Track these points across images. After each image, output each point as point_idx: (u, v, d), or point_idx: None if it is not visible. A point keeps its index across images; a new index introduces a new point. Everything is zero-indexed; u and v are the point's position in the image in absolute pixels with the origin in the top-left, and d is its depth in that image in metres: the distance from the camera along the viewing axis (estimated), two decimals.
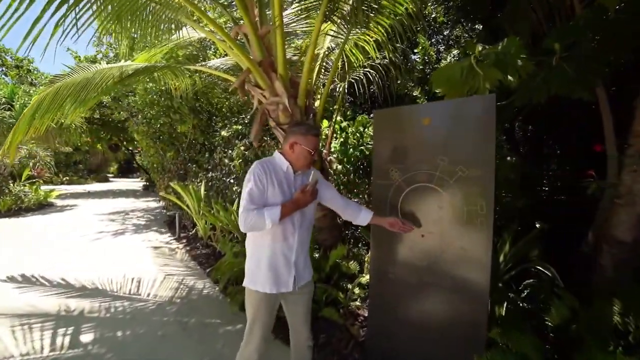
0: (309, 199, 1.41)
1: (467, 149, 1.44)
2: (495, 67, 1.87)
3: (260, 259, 1.47)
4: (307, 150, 1.44)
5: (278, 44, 2.51)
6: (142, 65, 3.17)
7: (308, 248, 1.61)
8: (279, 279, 1.46)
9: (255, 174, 1.42)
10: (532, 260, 2.32)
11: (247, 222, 1.36)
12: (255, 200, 1.39)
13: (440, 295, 1.56)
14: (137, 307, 2.84)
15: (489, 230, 1.37)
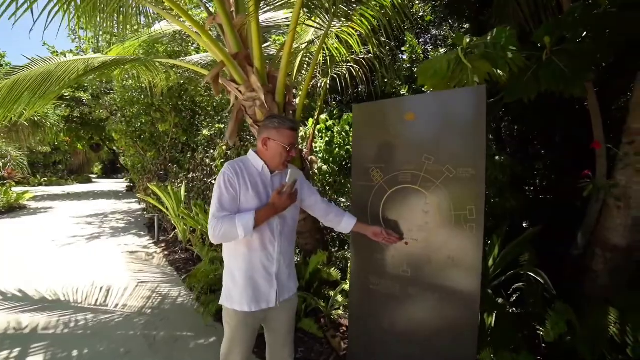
0: (286, 202, 1.23)
1: (455, 147, 1.30)
2: (485, 59, 1.75)
3: (235, 272, 1.31)
4: (282, 146, 1.27)
5: (254, 35, 2.33)
6: (110, 58, 2.93)
7: (292, 256, 1.44)
8: (259, 294, 1.30)
9: (225, 177, 1.26)
10: (522, 264, 2.21)
11: (216, 232, 1.20)
12: (225, 206, 1.23)
13: (426, 307, 1.41)
14: (102, 320, 2.60)
15: (480, 237, 1.23)
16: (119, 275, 3.71)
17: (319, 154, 4.32)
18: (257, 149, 1.35)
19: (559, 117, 3.71)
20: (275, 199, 1.23)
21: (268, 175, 1.33)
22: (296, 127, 1.32)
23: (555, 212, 3.40)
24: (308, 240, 2.80)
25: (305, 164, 2.74)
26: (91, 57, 2.85)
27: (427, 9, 6.44)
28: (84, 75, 2.76)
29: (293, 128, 1.30)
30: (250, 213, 1.21)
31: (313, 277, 2.51)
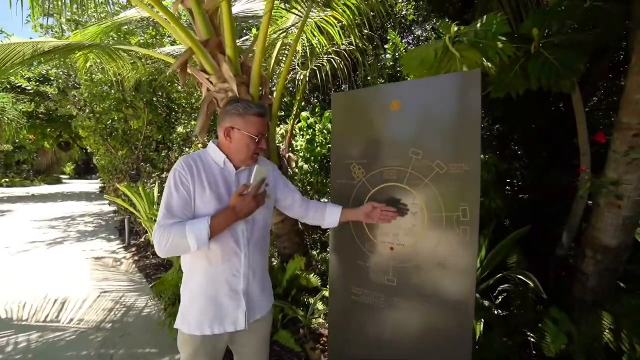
0: (250, 204, 1.01)
1: (446, 140, 1.15)
2: (474, 48, 1.63)
3: (193, 290, 1.10)
4: (249, 136, 1.07)
5: (225, 20, 2.12)
6: (63, 43, 2.61)
7: (265, 268, 1.22)
8: (223, 315, 1.09)
9: (176, 175, 1.05)
10: (510, 266, 2.12)
11: (162, 244, 0.98)
12: (175, 211, 1.02)
13: (414, 320, 1.26)
14: (49, 339, 2.28)
15: (474, 241, 1.08)
16: (79, 285, 3.37)
17: (299, 153, 4.13)
18: (219, 140, 1.14)
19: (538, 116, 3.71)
20: (236, 201, 1.01)
21: (232, 171, 1.12)
22: (265, 113, 1.11)
23: (538, 211, 3.38)
24: (286, 243, 2.61)
25: (282, 161, 2.55)
26: (40, 41, 2.52)
27: (409, 7, 6.41)
28: (30, 60, 2.43)
29: (261, 114, 1.09)
30: (204, 219, 0.99)
31: (291, 284, 2.33)
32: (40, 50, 2.51)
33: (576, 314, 1.75)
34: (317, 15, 2.67)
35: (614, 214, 1.58)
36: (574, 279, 1.80)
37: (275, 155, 2.51)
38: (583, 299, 1.72)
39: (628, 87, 1.56)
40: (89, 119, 6.48)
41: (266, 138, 1.14)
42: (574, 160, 3.51)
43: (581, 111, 2.27)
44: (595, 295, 1.68)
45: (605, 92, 4.20)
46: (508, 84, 1.99)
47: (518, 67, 1.97)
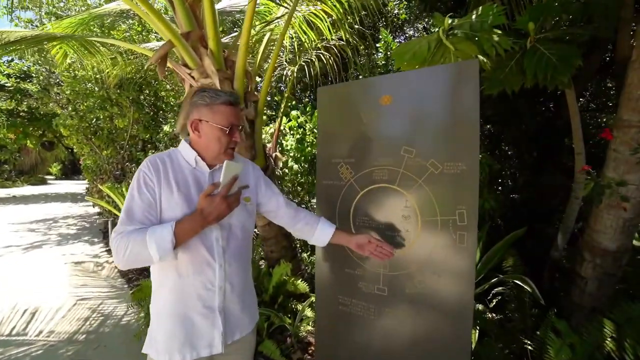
0: (220, 207, 0.88)
1: (441, 137, 1.05)
2: (469, 40, 1.54)
3: (161, 307, 0.96)
4: (219, 128, 0.94)
5: (206, 10, 1.99)
6: (31, 33, 2.44)
7: (247, 281, 1.08)
8: (196, 337, 0.95)
9: (140, 176, 0.93)
10: (506, 270, 2.04)
11: (120, 254, 0.85)
12: (136, 216, 0.90)
13: (407, 333, 1.15)
14: (12, 355, 2.10)
15: (473, 247, 0.99)
16: (54, 293, 3.17)
17: (290, 153, 4.01)
18: (190, 137, 1.01)
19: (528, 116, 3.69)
20: (203, 203, 0.88)
21: (205, 171, 0.99)
22: (235, 101, 0.98)
23: (531, 211, 3.34)
24: (273, 247, 2.49)
25: (270, 161, 2.43)
26: (5, 31, 2.34)
27: (402, 7, 6.36)
28: None
29: (231, 102, 0.97)
30: (167, 225, 0.86)
31: (277, 290, 2.20)
32: (5, 39, 2.33)
33: (575, 319, 1.68)
34: (306, 9, 2.56)
35: (614, 216, 1.51)
36: (572, 282, 1.73)
37: (262, 155, 2.38)
38: (581, 304, 1.65)
39: (629, 83, 1.50)
40: (71, 117, 6.23)
41: (241, 129, 1.02)
42: (565, 160, 3.48)
43: (575, 110, 2.22)
44: (594, 300, 1.61)
45: (593, 93, 4.20)
46: (503, 80, 1.92)
47: (513, 63, 1.90)
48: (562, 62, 1.64)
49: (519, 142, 4.32)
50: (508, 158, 4.80)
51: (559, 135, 3.50)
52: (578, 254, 1.72)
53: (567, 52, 1.67)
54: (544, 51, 1.75)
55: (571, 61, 1.62)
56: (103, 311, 2.80)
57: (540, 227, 3.20)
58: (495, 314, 2.34)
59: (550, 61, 1.69)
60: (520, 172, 4.37)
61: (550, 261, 2.40)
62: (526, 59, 1.78)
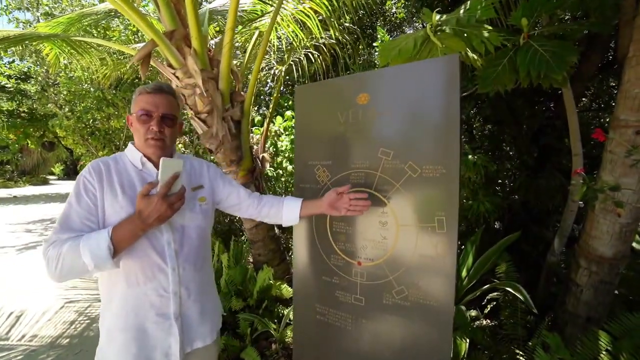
0: (160, 208, 0.81)
1: (420, 137, 0.98)
2: (457, 36, 1.47)
3: (112, 323, 0.89)
4: (134, 116, 0.92)
5: (188, 7, 1.93)
6: (15, 32, 2.39)
7: (206, 285, 1.02)
8: (150, 349, 0.89)
9: (80, 182, 0.88)
10: (499, 275, 1.96)
11: (51, 265, 0.79)
12: (72, 224, 0.83)
13: (384, 344, 1.08)
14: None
15: (452, 256, 0.92)
16: (43, 295, 3.13)
17: (284, 153, 3.95)
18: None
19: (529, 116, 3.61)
20: (140, 204, 0.81)
21: (153, 172, 0.94)
22: (156, 89, 0.93)
23: (529, 213, 3.25)
24: (261, 250, 2.43)
25: (257, 163, 2.37)
26: None
27: (399, 5, 6.28)
28: None
29: (147, 90, 0.92)
30: (103, 231, 0.80)
31: (262, 295, 2.14)
32: None
33: (569, 329, 1.60)
34: (294, 7, 2.50)
35: (610, 221, 1.43)
36: (567, 290, 1.65)
37: (248, 157, 2.32)
38: (576, 313, 1.57)
39: (626, 80, 1.42)
40: (67, 118, 6.22)
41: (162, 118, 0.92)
42: (565, 161, 3.39)
43: (572, 109, 2.14)
44: (590, 309, 1.53)
45: (595, 92, 4.11)
46: (496, 79, 1.84)
47: (506, 61, 1.83)
48: (557, 59, 1.56)
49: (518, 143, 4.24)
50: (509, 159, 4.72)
51: (559, 135, 3.42)
52: (573, 260, 1.64)
53: (562, 48, 1.59)
54: (537, 48, 1.67)
55: (566, 58, 1.54)
56: (90, 314, 2.75)
57: (538, 229, 3.12)
58: (490, 319, 2.26)
59: (544, 58, 1.62)
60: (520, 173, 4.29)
61: (547, 266, 2.32)
62: (519, 56, 1.71)
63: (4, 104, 10.25)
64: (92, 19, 2.91)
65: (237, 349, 1.92)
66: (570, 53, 1.51)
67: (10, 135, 11.70)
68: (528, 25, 1.74)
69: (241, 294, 2.19)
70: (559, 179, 3.08)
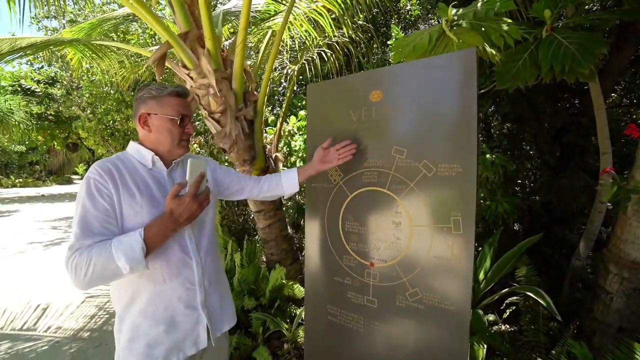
0: (191, 206, 0.83)
1: (435, 135, 0.95)
2: (474, 31, 1.42)
3: (136, 324, 0.89)
4: (169, 119, 0.91)
5: (202, 9, 1.95)
6: (42, 38, 2.50)
7: (221, 274, 1.06)
8: (180, 339, 0.91)
9: (90, 184, 0.84)
10: (519, 279, 1.88)
11: (80, 273, 0.77)
12: (93, 228, 0.81)
13: (398, 347, 1.05)
14: (20, 350, 2.16)
15: (469, 258, 0.88)
16: (66, 289, 3.26)
17: (298, 153, 3.95)
18: (140, 136, 0.97)
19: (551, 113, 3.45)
20: (172, 204, 0.81)
21: (163, 170, 0.94)
22: (184, 93, 0.95)
23: (551, 215, 3.11)
24: (274, 250, 2.43)
25: (270, 162, 2.37)
26: (18, 38, 2.42)
27: (414, 2, 6.16)
28: (7, 55, 2.33)
29: (178, 93, 0.94)
30: (134, 233, 0.80)
31: (275, 294, 2.14)
32: (17, 46, 2.40)
33: (598, 339, 1.51)
34: (307, 6, 2.49)
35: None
36: (595, 297, 1.56)
37: (262, 156, 2.33)
38: (606, 322, 1.48)
39: None
40: (88, 119, 6.47)
41: (192, 124, 0.99)
42: (591, 160, 3.22)
43: (601, 105, 2.02)
44: (621, 319, 1.44)
45: (626, 87, 3.88)
46: (516, 74, 1.76)
47: (527, 55, 1.74)
48: (583, 51, 1.47)
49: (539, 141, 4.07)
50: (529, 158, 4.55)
51: (584, 133, 3.25)
52: (602, 265, 1.55)
53: (589, 40, 1.50)
54: (561, 40, 1.58)
55: (594, 50, 1.45)
56: (109, 309, 2.84)
57: (561, 232, 2.98)
58: (509, 325, 2.17)
59: (569, 51, 1.53)
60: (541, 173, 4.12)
61: (571, 270, 2.21)
62: (541, 50, 1.62)
63: (34, 108, 10.79)
64: (112, 23, 3.01)
65: (249, 347, 1.92)
66: (599, 45, 1.42)
67: (39, 137, 12.34)
68: (551, 16, 1.65)
69: (254, 293, 2.20)
70: (584, 179, 2.92)
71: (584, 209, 2.92)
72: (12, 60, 2.33)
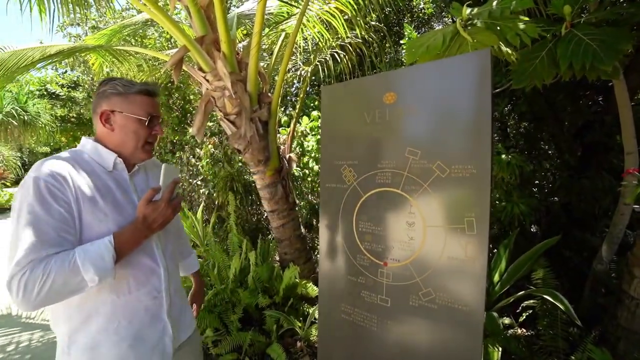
0: (166, 213, 0.81)
1: (449, 136, 0.95)
2: (489, 30, 1.40)
3: (96, 342, 0.79)
4: (136, 119, 0.84)
5: (218, 14, 2.01)
6: (68, 45, 2.64)
7: (179, 278, 1.02)
8: (147, 354, 0.85)
9: (41, 188, 0.72)
10: (535, 282, 1.84)
11: (33, 289, 0.65)
12: (49, 239, 0.70)
13: (411, 346, 1.06)
14: (50, 339, 2.29)
15: (483, 259, 0.88)
16: None
17: (310, 153, 3.99)
18: (97, 134, 0.88)
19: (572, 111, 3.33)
20: (146, 210, 0.79)
21: (124, 174, 0.88)
22: (153, 92, 0.89)
23: (571, 217, 3.01)
24: (287, 249, 2.47)
25: (283, 162, 2.41)
26: (48, 45, 2.56)
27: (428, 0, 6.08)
28: (38, 63, 2.47)
29: (149, 92, 0.88)
30: (101, 242, 0.73)
31: (288, 292, 2.18)
32: (47, 53, 2.54)
33: (622, 346, 1.46)
34: (319, 8, 2.51)
35: None
36: (619, 302, 1.51)
37: (275, 157, 2.37)
38: (630, 329, 1.43)
39: None
40: None
41: (159, 125, 0.92)
42: (615, 160, 3.10)
43: (626, 102, 1.95)
44: None
45: None
46: (532, 73, 1.72)
47: (544, 53, 1.70)
48: (605, 48, 1.42)
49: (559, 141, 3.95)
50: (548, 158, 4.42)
51: (608, 132, 3.13)
52: (626, 270, 1.50)
53: (613, 35, 1.45)
54: (582, 37, 1.54)
55: (617, 46, 1.40)
56: None
57: (580, 235, 2.88)
58: (525, 329, 2.13)
59: (590, 48, 1.48)
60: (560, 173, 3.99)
61: (593, 274, 2.14)
62: (560, 48, 1.58)
63: (58, 110, 11.28)
64: (131, 29, 3.13)
65: (263, 344, 1.97)
66: (624, 40, 1.38)
67: (62, 138, 12.91)
68: (571, 13, 1.61)
69: (267, 291, 2.24)
70: (607, 180, 2.82)
71: (607, 210, 2.82)
72: (43, 66, 2.46)
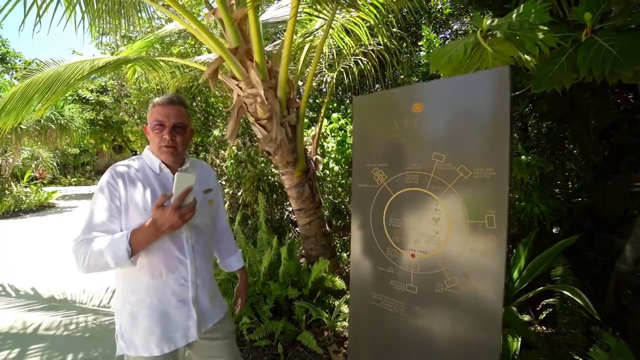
0: (173, 219, 0.91)
1: (471, 143, 1.08)
2: (509, 41, 1.50)
3: (135, 309, 1.02)
4: (150, 126, 1.04)
5: (252, 27, 2.19)
6: (113, 58, 2.90)
7: (212, 277, 1.19)
8: (172, 330, 1.04)
9: (103, 185, 0.98)
10: (554, 279, 1.91)
11: (79, 261, 0.91)
12: (95, 225, 0.95)
13: (436, 330, 1.19)
14: (102, 322, 2.55)
15: (502, 251, 1.00)
16: None
17: (331, 154, 4.13)
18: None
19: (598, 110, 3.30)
20: (155, 214, 0.90)
21: (170, 176, 1.06)
22: (166, 101, 1.04)
23: (594, 217, 3.01)
24: (313, 245, 2.63)
25: (310, 164, 2.57)
26: (96, 58, 2.83)
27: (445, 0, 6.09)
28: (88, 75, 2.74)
29: (158, 102, 1.04)
30: (122, 235, 0.91)
31: (316, 285, 2.33)
32: (96, 66, 2.81)
33: None
34: (343, 18, 2.66)
35: None
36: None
37: (303, 158, 2.54)
38: None
39: None
40: (137, 124, 7.12)
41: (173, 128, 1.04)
42: None
43: None
44: None
45: None
46: (552, 78, 1.79)
47: (564, 59, 1.77)
48: (626, 54, 1.48)
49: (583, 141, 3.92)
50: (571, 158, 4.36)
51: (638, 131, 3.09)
52: None
53: (634, 41, 1.50)
54: (602, 43, 1.60)
55: (638, 52, 1.45)
56: None
57: (605, 236, 2.88)
58: (545, 327, 2.18)
59: (610, 54, 1.54)
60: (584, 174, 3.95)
61: (616, 275, 2.16)
62: (579, 54, 1.65)
63: (87, 114, 12.01)
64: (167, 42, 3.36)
65: (293, 333, 2.13)
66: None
67: (91, 141, 13.70)
68: (592, 19, 1.67)
69: (296, 284, 2.41)
70: (634, 180, 2.80)
71: (638, 212, 2.81)
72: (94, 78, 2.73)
